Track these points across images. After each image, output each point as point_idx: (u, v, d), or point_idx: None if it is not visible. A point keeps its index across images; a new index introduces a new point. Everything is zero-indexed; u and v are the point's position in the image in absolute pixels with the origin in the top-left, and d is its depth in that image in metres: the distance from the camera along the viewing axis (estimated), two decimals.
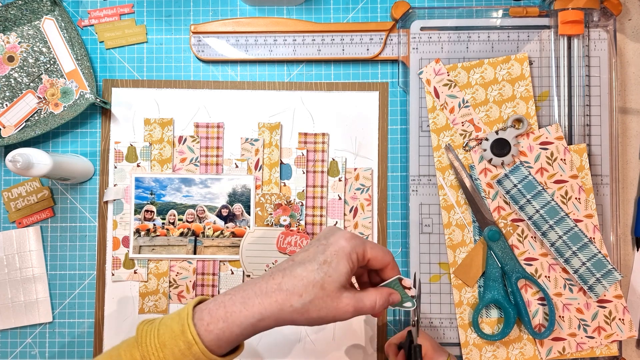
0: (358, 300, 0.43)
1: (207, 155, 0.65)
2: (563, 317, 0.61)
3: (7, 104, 0.65)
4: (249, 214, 0.65)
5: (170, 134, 0.66)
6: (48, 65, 0.65)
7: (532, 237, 0.62)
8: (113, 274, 0.65)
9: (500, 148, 0.61)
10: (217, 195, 0.65)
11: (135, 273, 0.65)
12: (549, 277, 0.61)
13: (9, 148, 0.66)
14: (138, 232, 0.65)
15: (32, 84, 0.65)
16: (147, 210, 0.65)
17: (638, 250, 0.65)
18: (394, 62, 0.66)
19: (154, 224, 0.65)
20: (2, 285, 0.65)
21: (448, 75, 0.63)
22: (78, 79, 0.65)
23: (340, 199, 0.65)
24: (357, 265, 0.44)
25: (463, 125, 0.63)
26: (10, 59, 0.65)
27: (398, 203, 0.66)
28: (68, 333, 0.65)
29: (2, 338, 0.65)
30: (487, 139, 0.61)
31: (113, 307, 0.65)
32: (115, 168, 0.65)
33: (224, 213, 0.65)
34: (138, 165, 0.65)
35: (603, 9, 0.63)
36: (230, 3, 0.67)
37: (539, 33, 0.63)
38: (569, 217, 0.60)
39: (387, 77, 0.67)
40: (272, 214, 0.65)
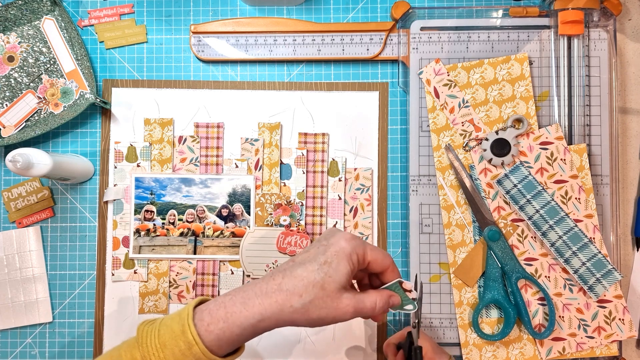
0: (358, 301, 0.43)
1: (207, 155, 0.65)
2: (563, 317, 0.61)
3: (7, 104, 0.65)
4: (249, 214, 0.65)
5: (170, 134, 0.66)
6: (48, 65, 0.65)
7: (532, 237, 0.62)
8: (113, 274, 0.65)
9: (500, 148, 0.61)
10: (217, 195, 0.65)
11: (135, 273, 0.65)
12: (549, 277, 0.61)
13: (9, 148, 0.66)
14: (138, 232, 0.65)
15: (32, 84, 0.65)
16: (147, 210, 0.65)
17: (638, 250, 0.65)
18: (394, 62, 0.66)
19: (154, 224, 0.65)
20: (2, 285, 0.65)
21: (448, 75, 0.63)
22: (78, 79, 0.65)
23: (340, 199, 0.65)
24: (357, 267, 0.44)
25: (463, 125, 0.63)
26: (10, 59, 0.65)
27: (398, 203, 0.66)
28: (68, 333, 0.65)
29: (2, 338, 0.65)
30: (487, 139, 0.61)
31: (113, 307, 0.65)
32: (115, 168, 0.65)
33: (224, 213, 0.65)
34: (138, 165, 0.65)
35: (603, 9, 0.63)
36: (230, 3, 0.67)
37: (539, 33, 0.63)
38: (569, 217, 0.60)
39: (387, 77, 0.67)
40: (272, 214, 0.65)
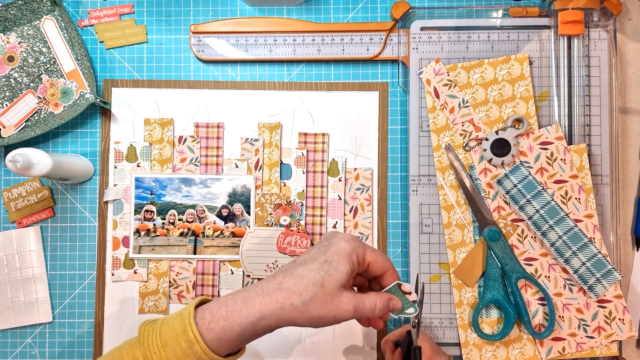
0: (358, 301, 0.44)
1: (207, 155, 0.65)
2: (563, 317, 0.61)
3: (7, 104, 0.65)
4: (249, 214, 0.65)
5: (170, 134, 0.66)
6: (48, 65, 0.65)
7: (532, 237, 0.62)
8: (113, 274, 0.65)
9: (500, 148, 0.61)
10: (217, 195, 0.65)
11: (135, 273, 0.65)
12: (549, 277, 0.61)
13: (9, 148, 0.66)
14: (138, 232, 0.65)
15: (32, 84, 0.65)
16: (147, 210, 0.65)
17: (638, 250, 0.65)
18: (394, 62, 0.66)
19: (154, 224, 0.65)
20: (2, 285, 0.65)
21: (448, 75, 0.63)
22: (78, 79, 0.65)
23: (340, 199, 0.65)
24: (357, 267, 0.45)
25: (463, 125, 0.63)
26: (10, 59, 0.65)
27: (398, 203, 0.66)
28: (68, 333, 0.65)
29: (2, 338, 0.65)
30: (487, 139, 0.61)
31: (113, 307, 0.65)
32: (115, 168, 0.65)
33: (224, 213, 0.65)
34: (138, 165, 0.65)
35: (603, 9, 0.63)
36: (230, 3, 0.67)
37: (539, 33, 0.63)
38: (569, 217, 0.60)
39: (387, 77, 0.67)
40: (272, 214, 0.65)
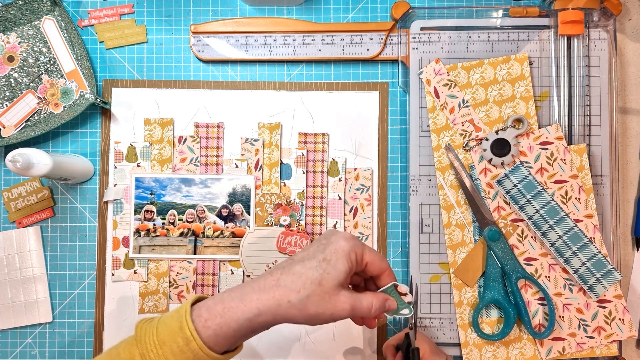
0: (355, 300, 0.44)
1: (207, 155, 0.65)
2: (563, 317, 0.61)
3: (7, 104, 0.65)
4: (249, 214, 0.65)
5: (170, 134, 0.66)
6: (48, 65, 0.65)
7: (532, 237, 0.62)
8: (113, 274, 0.65)
9: (500, 148, 0.61)
10: (217, 195, 0.65)
11: (135, 273, 0.65)
12: (549, 277, 0.61)
13: (9, 148, 0.66)
14: (138, 232, 0.65)
15: (32, 84, 0.65)
16: (147, 210, 0.65)
17: (638, 250, 0.65)
18: (394, 62, 0.66)
19: (154, 224, 0.65)
20: (2, 285, 0.65)
21: (448, 75, 0.63)
22: (78, 79, 0.65)
23: (340, 199, 0.65)
24: (355, 266, 0.45)
25: (463, 125, 0.63)
26: (10, 59, 0.65)
27: (398, 203, 0.66)
28: (68, 333, 0.65)
29: (2, 338, 0.65)
30: (487, 139, 0.61)
31: (113, 307, 0.65)
32: (115, 168, 0.65)
33: (224, 213, 0.65)
34: (138, 165, 0.65)
35: (603, 9, 0.63)
36: (230, 3, 0.67)
37: (539, 33, 0.63)
38: (569, 217, 0.60)
39: (387, 77, 0.67)
40: (272, 214, 0.65)
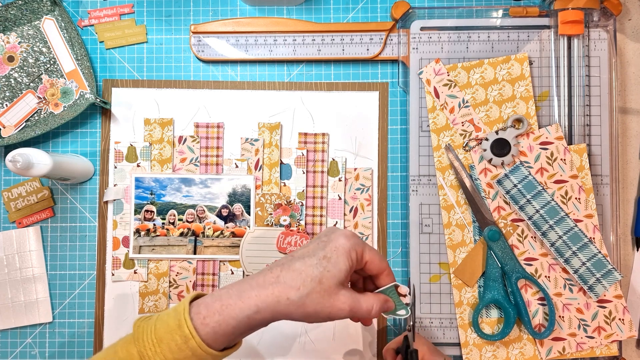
0: (355, 301, 0.43)
1: (207, 155, 0.65)
2: (563, 317, 0.61)
3: (7, 104, 0.65)
4: (249, 214, 0.65)
5: (170, 134, 0.66)
6: (48, 65, 0.65)
7: (532, 237, 0.62)
8: (113, 274, 0.65)
9: (500, 148, 0.61)
10: (217, 195, 0.65)
11: (135, 273, 0.65)
12: (549, 277, 0.61)
13: (9, 148, 0.66)
14: (138, 232, 0.65)
15: (32, 84, 0.65)
16: (147, 210, 0.65)
17: (638, 250, 0.65)
18: (394, 62, 0.66)
19: (154, 224, 0.65)
20: (2, 285, 0.65)
21: (448, 75, 0.63)
22: (78, 79, 0.65)
23: (340, 199, 0.65)
24: (355, 264, 0.44)
25: (463, 125, 0.63)
26: (10, 59, 0.65)
27: (398, 203, 0.66)
28: (68, 333, 0.65)
29: (2, 338, 0.65)
30: (487, 139, 0.61)
31: (113, 307, 0.65)
32: (115, 168, 0.65)
33: (224, 213, 0.65)
34: (138, 165, 0.65)
35: (603, 9, 0.63)
36: (230, 3, 0.67)
37: (539, 33, 0.63)
38: (569, 217, 0.60)
39: (387, 77, 0.67)
40: (272, 214, 0.65)
